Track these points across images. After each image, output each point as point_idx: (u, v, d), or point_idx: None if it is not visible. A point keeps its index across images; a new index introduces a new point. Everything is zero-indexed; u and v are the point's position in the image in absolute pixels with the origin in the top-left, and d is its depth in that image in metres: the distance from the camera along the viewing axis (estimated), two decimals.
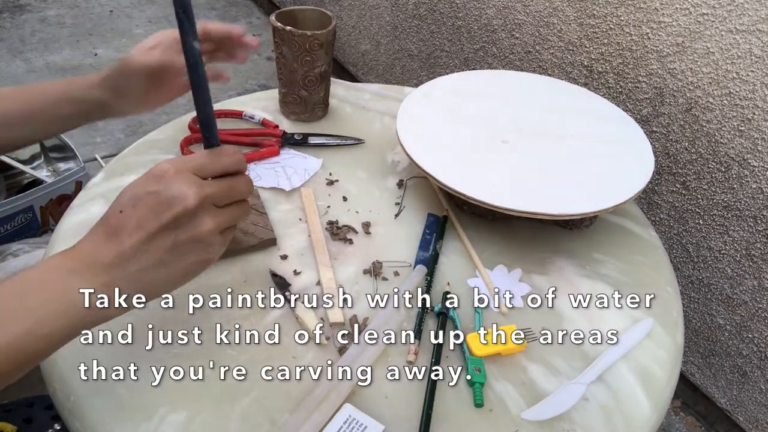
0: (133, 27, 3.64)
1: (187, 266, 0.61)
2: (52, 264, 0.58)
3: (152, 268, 0.59)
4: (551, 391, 0.74)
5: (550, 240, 0.98)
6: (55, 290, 0.56)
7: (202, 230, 0.60)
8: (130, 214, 0.58)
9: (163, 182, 0.58)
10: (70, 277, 0.57)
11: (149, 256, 0.58)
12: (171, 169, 0.59)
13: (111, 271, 0.58)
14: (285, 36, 1.09)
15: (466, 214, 1.00)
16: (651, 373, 0.78)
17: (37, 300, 0.55)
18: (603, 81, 1.62)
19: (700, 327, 1.63)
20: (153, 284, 0.60)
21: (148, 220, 0.58)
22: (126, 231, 0.58)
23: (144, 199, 0.58)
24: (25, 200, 1.73)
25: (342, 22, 2.83)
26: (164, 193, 0.58)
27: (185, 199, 0.58)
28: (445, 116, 1.06)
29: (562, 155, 0.98)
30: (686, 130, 1.45)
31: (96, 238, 0.59)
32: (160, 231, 0.58)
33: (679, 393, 1.80)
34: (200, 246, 0.61)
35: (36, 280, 0.57)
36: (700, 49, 1.35)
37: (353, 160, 1.12)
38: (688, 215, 1.53)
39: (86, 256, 0.58)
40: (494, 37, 1.95)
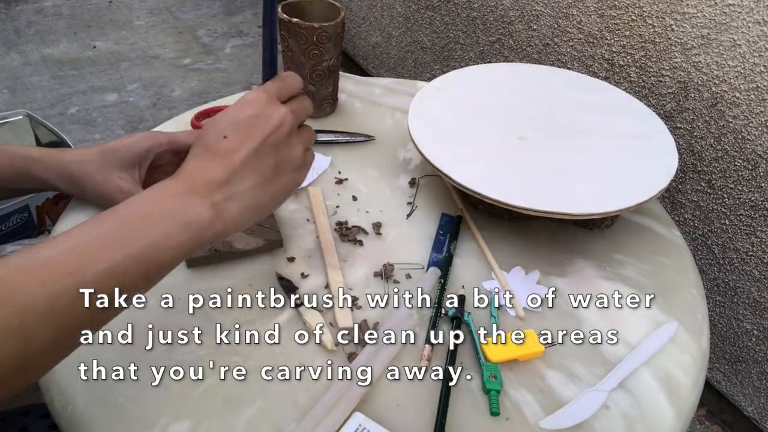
0: (133, 18, 3.65)
1: (286, 184, 0.69)
2: (162, 188, 0.63)
3: (261, 185, 0.66)
4: (570, 398, 0.74)
5: (569, 241, 0.98)
6: (175, 208, 0.61)
7: (296, 150, 0.69)
8: (233, 137, 0.65)
9: (259, 106, 0.66)
10: (186, 197, 0.62)
11: (257, 173, 0.65)
12: (263, 95, 0.67)
13: (225, 189, 0.63)
14: (291, 28, 1.09)
15: (481, 214, 1.00)
16: (675, 380, 0.78)
17: (160, 216, 0.60)
18: (624, 75, 1.61)
19: (726, 332, 1.63)
20: (262, 200, 0.67)
21: (253, 139, 0.65)
22: (234, 150, 0.64)
23: (245, 122, 0.65)
24: (20, 199, 1.73)
25: (351, 14, 2.83)
26: (264, 116, 0.66)
27: (284, 119, 0.67)
28: (459, 112, 1.06)
29: (581, 152, 0.98)
30: (711, 126, 1.44)
31: (202, 161, 0.65)
32: (264, 149, 0.65)
33: (705, 401, 1.80)
34: (292, 166, 0.69)
35: (154, 200, 0.62)
36: (726, 41, 1.35)
37: (363, 157, 1.12)
38: (713, 215, 1.53)
39: (197, 177, 0.63)
40: (511, 29, 1.95)
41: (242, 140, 0.64)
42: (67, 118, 2.81)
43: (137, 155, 0.93)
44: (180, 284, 0.85)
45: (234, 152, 0.64)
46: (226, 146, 0.64)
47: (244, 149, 0.64)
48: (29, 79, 3.05)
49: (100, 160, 0.91)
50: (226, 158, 0.64)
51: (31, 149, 0.93)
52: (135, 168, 0.93)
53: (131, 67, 3.23)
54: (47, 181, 0.92)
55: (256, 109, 0.66)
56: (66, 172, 0.91)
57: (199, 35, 3.57)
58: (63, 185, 0.92)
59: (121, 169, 0.91)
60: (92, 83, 3.07)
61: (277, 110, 0.66)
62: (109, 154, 0.91)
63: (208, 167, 0.64)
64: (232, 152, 0.64)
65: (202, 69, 3.27)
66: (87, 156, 0.91)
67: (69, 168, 0.91)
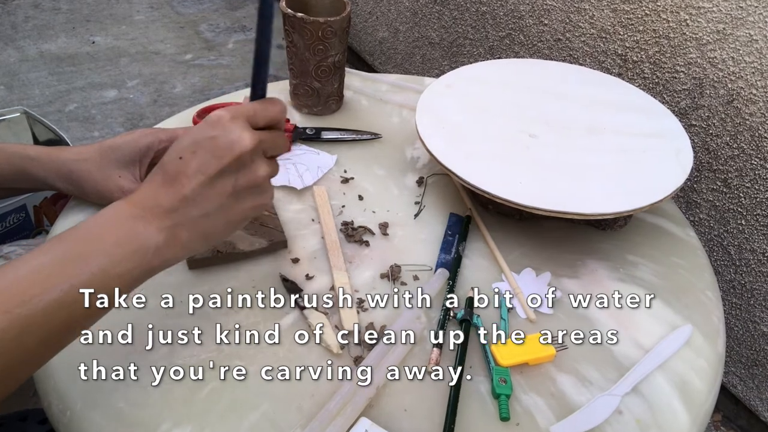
0: (133, 12, 3.66)
1: (246, 210, 0.67)
2: (115, 211, 0.62)
3: (214, 212, 0.64)
4: (583, 403, 0.75)
5: (582, 241, 0.98)
6: (123, 234, 0.60)
7: (259, 174, 0.66)
8: (189, 159, 0.62)
9: (221, 128, 0.63)
10: (134, 223, 0.61)
11: (211, 200, 0.63)
12: (227, 115, 0.64)
13: (173, 216, 0.62)
14: (296, 23, 1.09)
15: (490, 214, 1.01)
16: (690, 385, 0.77)
17: (108, 242, 0.59)
18: (638, 71, 1.61)
19: (742, 335, 1.63)
20: (214, 228, 0.65)
21: (209, 164, 0.62)
22: (186, 175, 0.62)
23: (203, 144, 0.63)
24: (17, 199, 1.73)
25: (357, 8, 2.83)
26: (223, 138, 0.63)
27: (243, 142, 0.63)
28: (468, 109, 1.06)
29: (594, 150, 0.98)
30: (728, 124, 1.44)
31: (155, 185, 0.63)
32: (221, 175, 0.63)
33: (720, 406, 1.79)
34: (257, 191, 0.66)
35: (104, 225, 0.61)
36: (743, 36, 1.35)
37: (370, 156, 1.13)
38: (729, 215, 1.52)
39: (148, 202, 0.62)
40: (521, 24, 1.95)
41: (197, 164, 0.62)
42: (65, 116, 2.82)
43: (137, 152, 0.93)
44: (181, 286, 0.85)
45: (186, 178, 0.62)
46: (180, 169, 0.63)
47: (198, 176, 0.62)
48: (26, 75, 3.06)
49: (99, 159, 0.91)
50: (179, 183, 0.62)
51: (28, 147, 0.93)
52: (135, 166, 0.93)
53: (131, 63, 3.24)
54: (45, 180, 0.92)
55: (216, 130, 0.63)
56: (64, 171, 0.91)
57: (201, 30, 3.57)
58: (61, 184, 0.92)
59: (121, 167, 0.92)
60: (91, 79, 3.08)
61: (241, 135, 0.63)
62: (109, 152, 0.92)
63: (159, 192, 0.63)
64: (184, 177, 0.62)
65: (204, 65, 3.27)
66: (86, 154, 0.91)
67: (67, 167, 0.91)
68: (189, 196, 0.62)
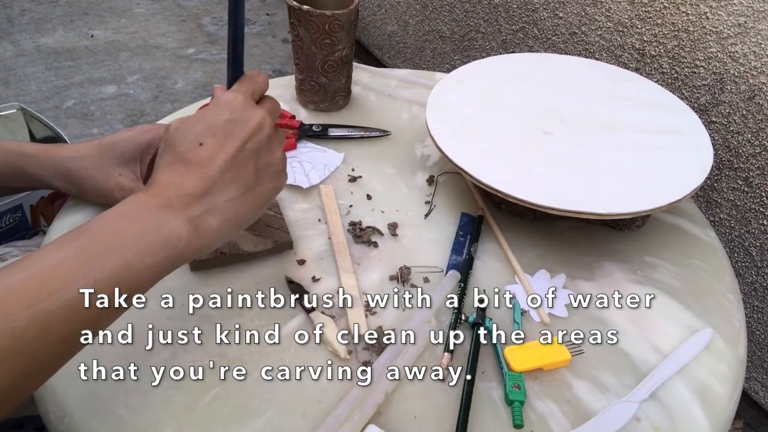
0: (133, 5, 3.67)
1: (267, 191, 0.68)
2: (136, 202, 0.61)
3: (241, 194, 0.65)
4: (599, 410, 0.74)
5: (598, 242, 0.98)
6: (149, 225, 0.59)
7: (276, 155, 0.68)
8: (210, 143, 0.63)
9: (237, 110, 0.65)
10: (161, 213, 0.60)
11: (237, 182, 0.64)
12: (239, 97, 0.66)
13: (203, 202, 0.62)
14: (302, 16, 1.09)
15: (503, 214, 1.01)
16: (710, 391, 0.77)
17: (134, 235, 0.58)
18: (656, 66, 1.61)
19: (764, 339, 1.62)
20: (242, 211, 0.66)
21: (232, 145, 0.64)
22: (211, 158, 0.63)
23: (222, 127, 0.64)
24: (13, 198, 1.73)
25: (365, 0, 2.83)
26: (242, 120, 0.65)
27: (262, 121, 0.66)
28: (480, 105, 1.07)
29: (610, 148, 0.98)
30: (749, 121, 1.44)
31: (177, 172, 0.63)
32: (244, 155, 0.64)
33: (741, 413, 1.79)
34: (274, 172, 0.68)
35: (128, 216, 0.60)
36: (765, 30, 1.34)
37: (378, 153, 1.13)
38: (751, 215, 1.52)
39: (173, 191, 0.61)
40: (535, 17, 1.95)
41: (220, 147, 0.63)
42: (63, 112, 2.83)
43: (138, 149, 0.93)
44: (183, 288, 0.85)
45: (211, 160, 0.63)
46: (203, 154, 0.63)
47: (223, 157, 0.63)
48: (23, 70, 3.07)
49: (98, 156, 0.91)
50: (204, 167, 0.62)
51: (24, 145, 0.93)
52: (135, 163, 0.93)
53: (131, 58, 3.24)
54: (42, 179, 0.92)
55: (234, 112, 0.65)
56: (62, 169, 0.91)
57: (203, 23, 3.58)
58: (59, 183, 0.92)
59: (120, 164, 0.92)
60: (90, 75, 3.08)
61: (255, 113, 0.66)
62: (108, 149, 0.92)
63: (184, 178, 0.62)
64: (209, 161, 0.63)
65: (207, 59, 3.28)
66: (84, 152, 0.92)
67: (65, 165, 0.91)
68: (217, 179, 0.62)
